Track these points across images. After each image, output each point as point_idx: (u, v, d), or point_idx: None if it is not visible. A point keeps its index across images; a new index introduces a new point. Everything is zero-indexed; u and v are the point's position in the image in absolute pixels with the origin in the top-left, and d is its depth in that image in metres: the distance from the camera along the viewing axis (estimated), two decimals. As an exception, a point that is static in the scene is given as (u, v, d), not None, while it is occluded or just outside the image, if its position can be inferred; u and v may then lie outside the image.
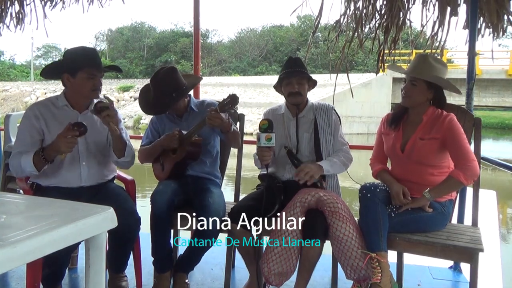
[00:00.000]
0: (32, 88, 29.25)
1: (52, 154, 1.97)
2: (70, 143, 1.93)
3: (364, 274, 1.95)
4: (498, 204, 7.72)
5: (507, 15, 2.68)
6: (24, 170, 2.01)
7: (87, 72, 2.08)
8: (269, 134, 2.06)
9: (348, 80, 3.06)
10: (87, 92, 2.12)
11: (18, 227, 1.11)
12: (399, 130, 2.18)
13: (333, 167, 2.21)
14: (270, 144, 2.07)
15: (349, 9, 2.99)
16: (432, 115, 2.10)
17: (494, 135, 24.14)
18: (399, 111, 2.21)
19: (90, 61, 2.09)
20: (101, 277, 1.28)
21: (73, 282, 2.47)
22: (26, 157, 1.99)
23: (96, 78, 2.11)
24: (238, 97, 2.19)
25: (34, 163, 1.97)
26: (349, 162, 2.29)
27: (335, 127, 2.32)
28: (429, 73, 2.07)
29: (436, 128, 2.06)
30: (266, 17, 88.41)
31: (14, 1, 3.91)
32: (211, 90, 23.63)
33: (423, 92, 2.08)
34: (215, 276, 2.55)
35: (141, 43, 40.25)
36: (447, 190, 2.05)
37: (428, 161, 2.07)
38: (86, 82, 2.09)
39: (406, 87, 2.11)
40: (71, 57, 2.12)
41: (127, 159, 2.20)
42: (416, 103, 2.12)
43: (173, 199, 2.20)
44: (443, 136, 2.03)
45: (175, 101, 2.32)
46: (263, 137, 2.06)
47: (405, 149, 2.12)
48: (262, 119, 2.13)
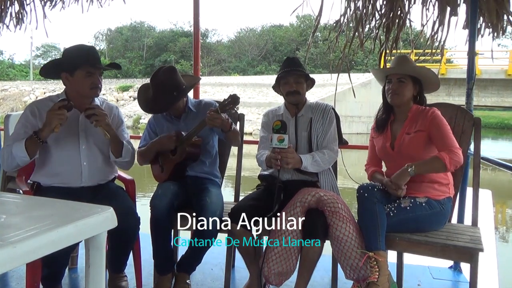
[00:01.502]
0: (31, 87, 29.21)
1: (45, 132, 1.96)
2: (59, 114, 1.94)
3: (363, 274, 1.96)
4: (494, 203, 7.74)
5: (507, 15, 2.68)
6: (16, 156, 1.99)
7: (85, 70, 2.07)
8: (282, 135, 2.04)
9: (349, 79, 3.05)
10: (86, 90, 2.11)
11: (18, 227, 1.10)
12: (387, 131, 2.24)
13: (313, 165, 2.20)
14: (282, 145, 2.04)
15: (349, 9, 2.99)
16: (416, 111, 2.17)
17: (493, 135, 24.15)
18: (384, 115, 2.28)
19: (87, 59, 2.08)
20: (101, 277, 1.28)
21: (73, 282, 2.47)
22: (18, 144, 1.99)
23: (94, 75, 2.10)
24: (239, 97, 2.18)
25: (26, 147, 1.96)
26: (331, 163, 2.29)
27: (329, 124, 2.31)
28: (414, 68, 2.20)
29: (420, 121, 2.12)
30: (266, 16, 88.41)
31: (14, 1, 3.90)
32: (210, 89, 23.63)
33: (410, 88, 2.17)
34: (215, 276, 2.55)
35: (140, 42, 40.23)
36: (430, 169, 2.05)
37: (418, 154, 2.10)
38: (85, 80, 2.08)
39: (394, 86, 2.17)
40: (69, 56, 2.11)
41: (125, 159, 2.19)
42: (405, 100, 2.18)
43: (173, 203, 2.19)
44: (428, 128, 2.09)
45: (176, 100, 2.32)
46: (275, 138, 2.04)
47: (394, 146, 2.17)
48: (275, 120, 2.10)
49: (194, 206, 2.21)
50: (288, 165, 2.10)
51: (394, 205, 2.05)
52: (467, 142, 2.27)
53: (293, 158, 2.11)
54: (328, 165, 2.27)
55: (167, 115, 2.46)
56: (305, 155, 2.20)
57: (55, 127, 1.95)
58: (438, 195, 2.08)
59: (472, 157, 2.29)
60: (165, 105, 2.33)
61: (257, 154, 2.35)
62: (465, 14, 2.75)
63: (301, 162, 2.16)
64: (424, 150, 2.11)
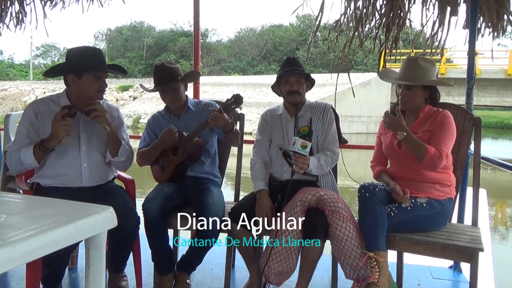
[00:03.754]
0: (31, 87, 29.18)
1: (52, 142, 1.98)
2: (65, 125, 1.94)
3: (363, 274, 1.96)
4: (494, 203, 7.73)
5: (507, 15, 2.68)
6: (24, 162, 2.01)
7: (93, 74, 2.07)
8: (306, 142, 2.02)
9: (349, 79, 3.05)
10: (92, 93, 2.11)
11: (18, 227, 1.10)
12: None
13: (317, 169, 2.19)
14: (304, 152, 2.03)
15: (349, 9, 2.99)
16: (428, 112, 2.14)
17: (493, 135, 24.16)
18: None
19: (96, 63, 2.09)
20: (101, 277, 1.28)
21: (73, 282, 2.47)
22: (26, 150, 2.00)
23: (101, 79, 2.11)
24: (242, 97, 2.18)
25: (34, 154, 1.98)
26: (332, 166, 2.29)
27: (329, 124, 2.30)
28: (423, 77, 2.11)
29: (430, 122, 2.10)
30: (266, 16, 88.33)
31: (14, 1, 3.90)
32: (210, 89, 23.62)
33: (420, 94, 2.13)
34: (215, 276, 2.55)
35: (140, 42, 40.21)
36: (414, 147, 2.02)
37: None
38: (92, 84, 2.09)
39: (402, 93, 2.14)
40: (76, 58, 2.10)
41: (121, 158, 2.18)
42: (415, 106, 2.15)
43: (164, 205, 2.18)
44: (435, 127, 2.07)
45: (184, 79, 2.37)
46: (298, 143, 2.03)
47: (401, 145, 2.14)
48: (303, 125, 2.10)
49: (195, 206, 2.21)
50: (300, 170, 2.10)
51: (395, 205, 2.04)
52: (467, 142, 2.27)
53: (306, 164, 2.10)
54: (329, 167, 2.27)
55: (166, 114, 2.46)
56: (311, 157, 2.19)
57: (62, 138, 1.96)
58: (440, 196, 2.08)
59: (472, 157, 2.29)
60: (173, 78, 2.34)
61: (252, 160, 2.35)
62: (465, 13, 2.75)
63: (308, 165, 2.15)
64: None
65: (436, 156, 1.99)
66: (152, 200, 2.18)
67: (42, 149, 1.98)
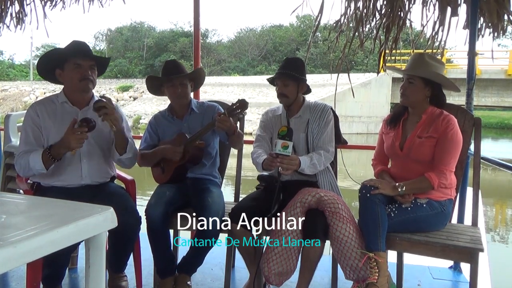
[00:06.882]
0: (31, 87, 29.21)
1: (61, 151, 1.96)
2: (80, 139, 1.92)
3: (363, 275, 1.95)
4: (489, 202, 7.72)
5: (507, 15, 2.68)
6: (33, 168, 1.99)
7: (73, 62, 2.06)
8: (286, 142, 2.01)
9: (349, 80, 3.05)
10: (75, 82, 2.08)
11: (18, 227, 1.10)
12: (398, 129, 2.19)
13: (310, 168, 2.18)
14: (286, 152, 2.02)
15: (349, 9, 2.99)
16: (431, 114, 2.11)
17: (493, 135, 24.16)
18: (399, 111, 2.23)
19: (74, 50, 2.07)
20: (101, 277, 1.28)
21: (73, 282, 2.47)
22: (35, 156, 1.98)
23: (82, 67, 2.07)
24: (248, 102, 2.18)
25: (43, 161, 1.96)
26: (326, 164, 2.27)
27: (325, 124, 2.29)
28: (425, 70, 2.09)
29: (434, 127, 2.06)
30: (266, 17, 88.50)
31: (14, 1, 3.90)
32: (210, 90, 23.62)
33: (420, 89, 2.09)
34: (215, 276, 2.55)
35: (140, 43, 40.20)
36: (418, 188, 2.04)
37: (426, 159, 2.07)
38: (73, 72, 2.07)
39: (403, 86, 2.13)
40: (57, 52, 2.12)
41: (129, 155, 2.17)
42: (415, 101, 2.13)
43: (167, 211, 2.17)
44: (439, 137, 2.04)
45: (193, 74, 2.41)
46: (279, 144, 2.02)
47: (404, 147, 2.13)
48: (282, 126, 2.09)
49: (195, 206, 2.21)
50: (287, 171, 2.10)
51: (395, 205, 2.04)
52: (467, 142, 2.27)
53: (293, 165, 2.09)
54: (323, 166, 2.25)
55: (169, 115, 2.45)
56: (303, 157, 2.19)
57: (73, 149, 1.94)
58: (440, 197, 2.07)
59: (472, 157, 2.29)
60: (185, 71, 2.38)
61: (253, 152, 2.33)
62: (465, 14, 2.75)
63: (299, 164, 2.14)
64: (432, 157, 2.06)
65: (441, 179, 2.01)
66: (155, 206, 2.17)
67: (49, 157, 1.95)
